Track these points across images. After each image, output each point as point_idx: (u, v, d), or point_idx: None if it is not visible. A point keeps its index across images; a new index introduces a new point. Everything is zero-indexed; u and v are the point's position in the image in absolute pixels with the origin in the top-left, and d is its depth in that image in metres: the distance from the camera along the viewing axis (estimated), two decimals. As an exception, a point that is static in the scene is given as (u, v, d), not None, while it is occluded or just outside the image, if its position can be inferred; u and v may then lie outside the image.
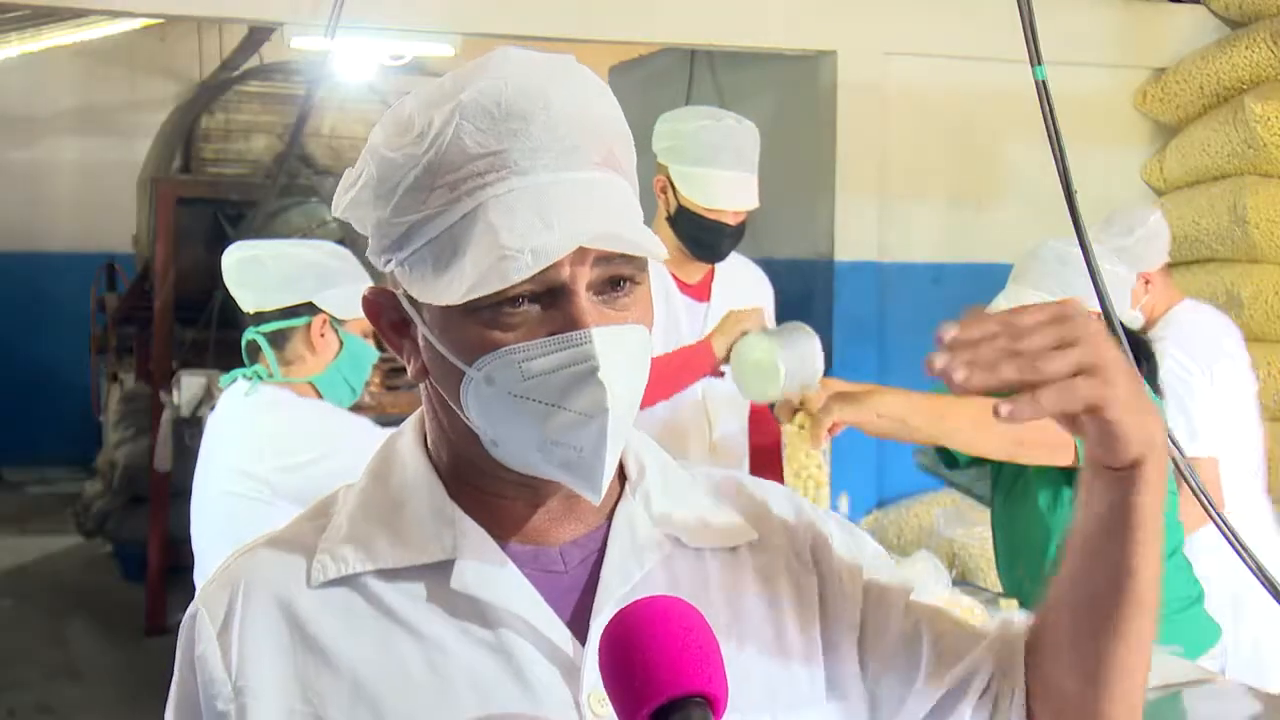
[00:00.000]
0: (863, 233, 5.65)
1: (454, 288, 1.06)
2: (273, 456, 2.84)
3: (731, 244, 3.40)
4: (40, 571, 8.03)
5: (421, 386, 1.19)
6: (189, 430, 5.71)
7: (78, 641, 6.69)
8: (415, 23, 5.22)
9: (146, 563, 6.73)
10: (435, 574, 1.14)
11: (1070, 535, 1.17)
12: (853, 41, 5.60)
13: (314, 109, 6.96)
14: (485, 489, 1.17)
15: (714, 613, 1.16)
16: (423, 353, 1.15)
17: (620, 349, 1.08)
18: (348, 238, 4.94)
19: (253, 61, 7.97)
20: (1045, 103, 2.14)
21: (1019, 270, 3.27)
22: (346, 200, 1.16)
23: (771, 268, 3.79)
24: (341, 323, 3.00)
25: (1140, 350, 3.21)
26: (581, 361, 1.07)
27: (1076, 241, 2.20)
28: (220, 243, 7.01)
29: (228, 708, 1.12)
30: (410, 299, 1.14)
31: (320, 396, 3.01)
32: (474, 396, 1.10)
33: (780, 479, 3.65)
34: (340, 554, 1.15)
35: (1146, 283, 4.05)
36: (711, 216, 3.31)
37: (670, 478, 1.23)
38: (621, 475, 1.22)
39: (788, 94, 5.93)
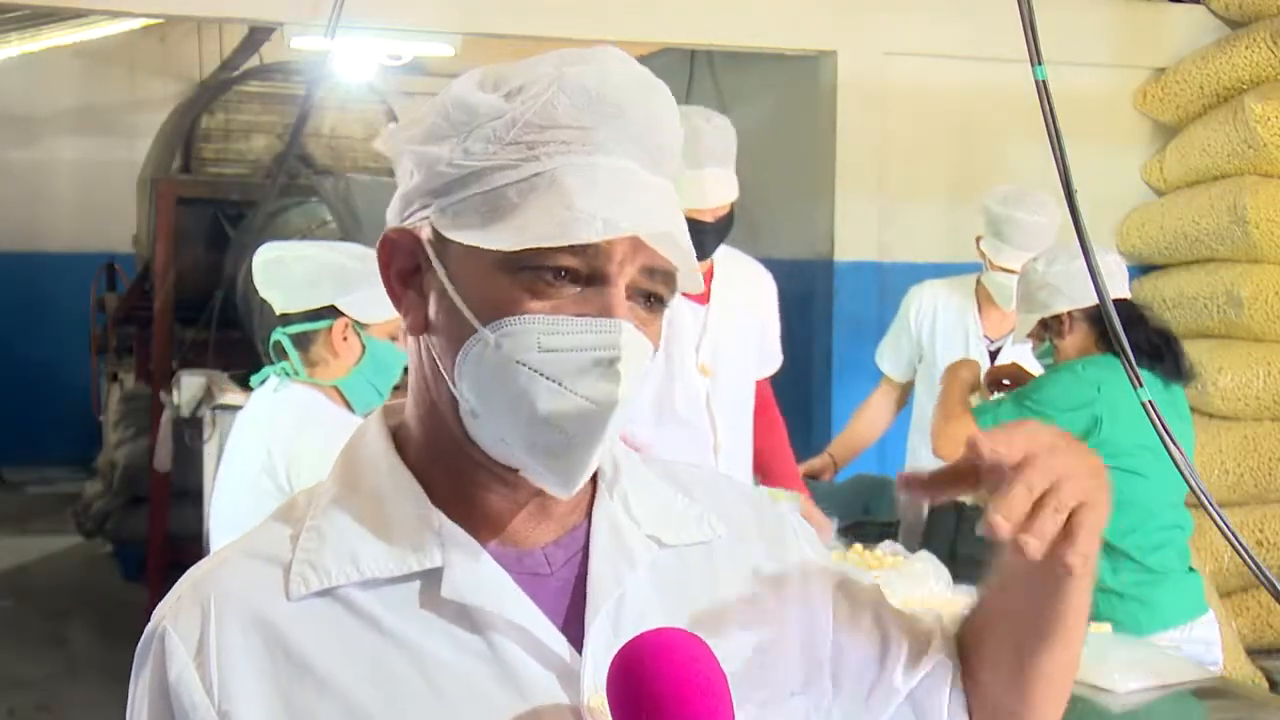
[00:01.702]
0: (863, 233, 5.66)
1: (507, 236, 1.06)
2: (280, 456, 2.84)
3: (716, 240, 3.32)
4: (40, 571, 8.02)
5: (414, 345, 1.16)
6: (189, 430, 5.70)
7: (78, 641, 6.68)
8: (415, 23, 5.22)
9: (146, 563, 6.73)
10: (422, 582, 1.11)
11: (997, 577, 1.21)
12: (853, 41, 5.60)
13: (314, 109, 6.94)
14: (463, 476, 1.13)
15: (695, 608, 1.17)
16: (432, 304, 1.12)
17: (639, 353, 1.08)
18: (350, 237, 4.93)
19: (253, 61, 7.97)
20: (1045, 102, 2.15)
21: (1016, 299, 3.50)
22: (404, 135, 1.14)
23: (771, 268, 3.77)
24: (364, 326, 2.97)
25: (1167, 340, 3.25)
26: (605, 348, 1.06)
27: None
28: (220, 243, 7.05)
29: None
30: (436, 246, 1.11)
31: (346, 401, 3.00)
32: (474, 360, 1.08)
33: (792, 478, 3.67)
34: (321, 564, 1.10)
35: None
36: (687, 215, 3.23)
37: (639, 475, 1.23)
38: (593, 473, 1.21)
39: (788, 94, 5.93)
